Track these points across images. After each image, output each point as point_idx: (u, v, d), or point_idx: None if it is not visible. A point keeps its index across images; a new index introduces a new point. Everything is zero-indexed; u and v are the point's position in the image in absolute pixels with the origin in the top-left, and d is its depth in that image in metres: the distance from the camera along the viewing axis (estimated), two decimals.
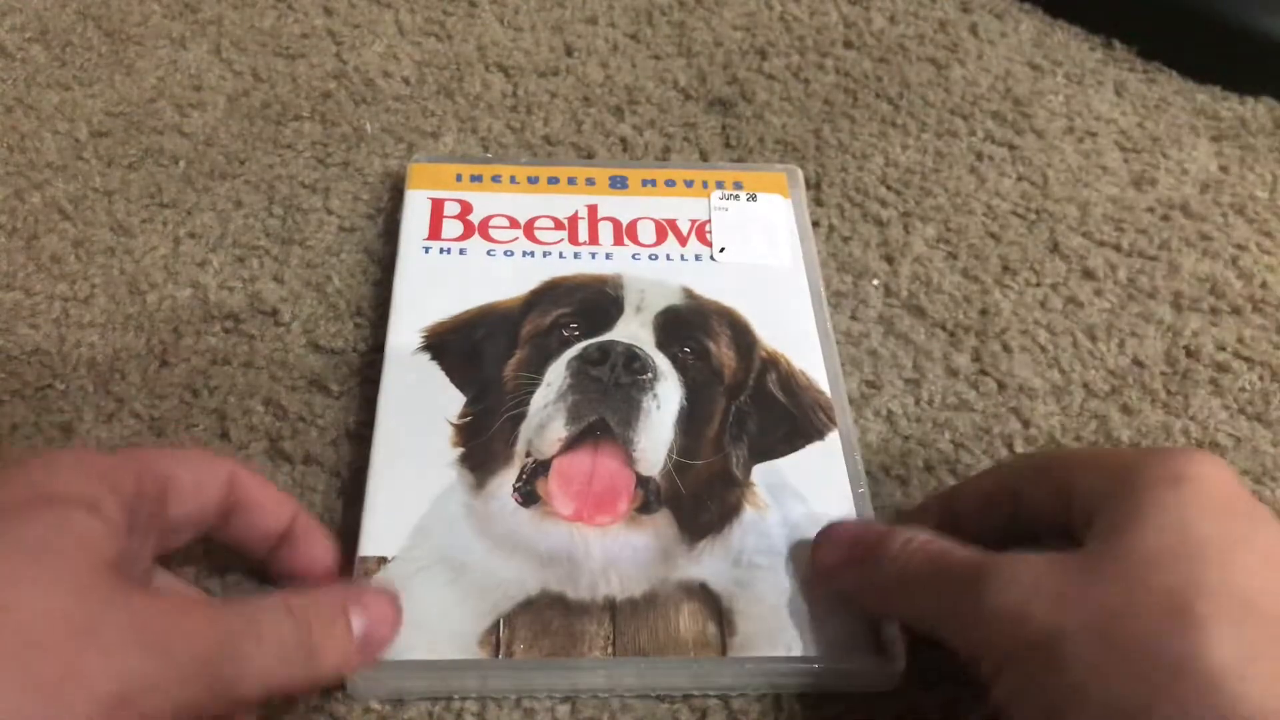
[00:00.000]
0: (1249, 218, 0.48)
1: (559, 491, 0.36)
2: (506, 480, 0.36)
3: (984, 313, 0.44)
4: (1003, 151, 0.50)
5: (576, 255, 0.43)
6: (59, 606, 0.24)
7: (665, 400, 0.38)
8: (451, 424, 0.38)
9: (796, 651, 0.33)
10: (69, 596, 0.24)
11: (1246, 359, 0.42)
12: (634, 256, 0.43)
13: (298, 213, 0.46)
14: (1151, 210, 0.48)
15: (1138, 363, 0.42)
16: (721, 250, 0.44)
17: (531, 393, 0.38)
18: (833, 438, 0.38)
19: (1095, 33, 0.55)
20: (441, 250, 0.43)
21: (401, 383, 0.39)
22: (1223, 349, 0.43)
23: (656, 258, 0.43)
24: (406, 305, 0.41)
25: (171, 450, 0.33)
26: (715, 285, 0.42)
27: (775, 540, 0.35)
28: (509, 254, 0.43)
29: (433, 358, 0.40)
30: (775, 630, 0.33)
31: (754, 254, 0.44)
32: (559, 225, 0.44)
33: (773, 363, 0.40)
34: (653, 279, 0.42)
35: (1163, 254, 0.46)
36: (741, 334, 0.41)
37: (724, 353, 0.40)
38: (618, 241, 0.44)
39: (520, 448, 0.37)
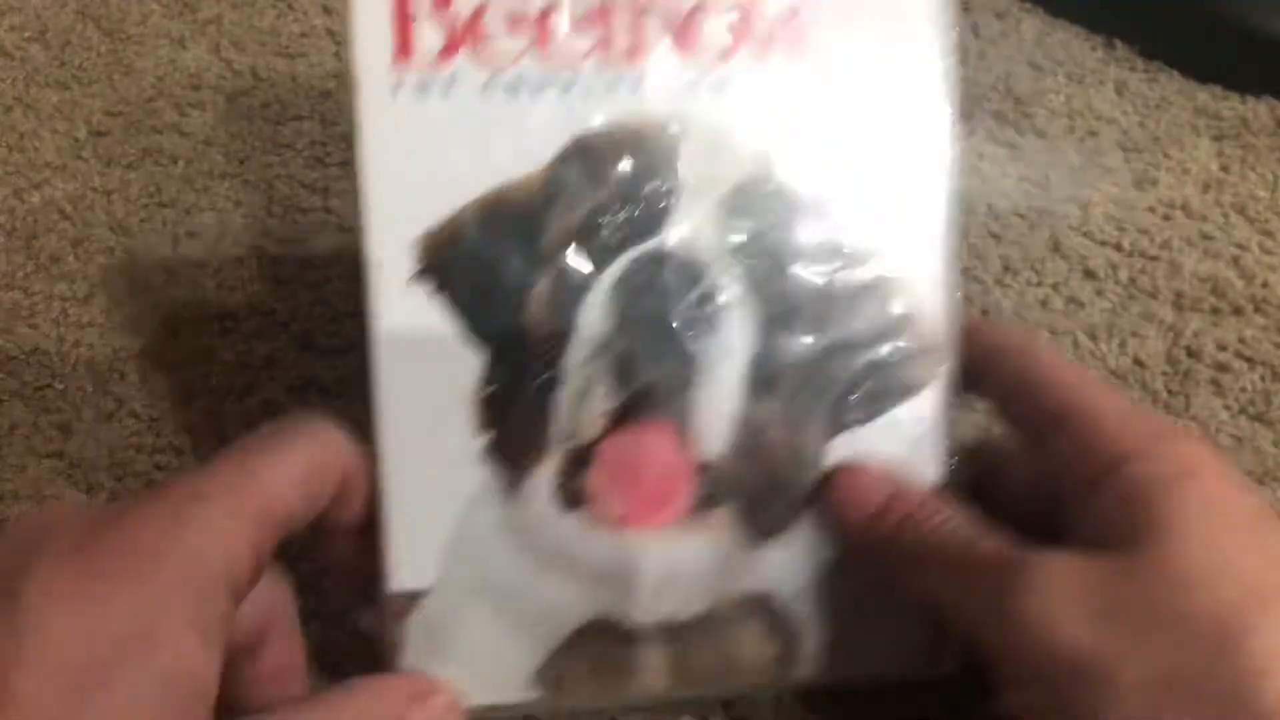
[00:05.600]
0: (1250, 217, 0.48)
1: (607, 489, 0.30)
2: (544, 477, 0.30)
3: (985, 313, 0.44)
4: (1004, 151, 0.50)
5: (611, 85, 0.30)
6: None
7: (733, 346, 0.30)
8: (476, 400, 0.30)
9: (858, 669, 0.31)
10: None
11: (1248, 359, 0.42)
12: (691, 85, 0.30)
13: (297, 212, 0.46)
14: (1152, 210, 0.48)
15: (1139, 363, 0.42)
16: (817, 69, 0.31)
17: (565, 344, 0.29)
18: (930, 391, 0.31)
19: (1096, 32, 0.55)
20: (418, 88, 0.30)
21: (401, 336, 0.29)
22: (1224, 349, 0.43)
23: (724, 87, 0.30)
24: (385, 200, 0.30)
25: (289, 458, 0.27)
26: (803, 138, 0.31)
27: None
28: (515, 89, 0.30)
29: (437, 288, 0.30)
30: (838, 645, 0.31)
31: (863, 75, 0.31)
32: (595, 18, 0.30)
33: (871, 276, 0.31)
34: (719, 130, 0.30)
35: (1164, 254, 0.46)
36: (833, 228, 0.31)
37: (809, 261, 0.30)
38: (681, 47, 0.31)
39: (557, 429, 0.30)
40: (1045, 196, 0.48)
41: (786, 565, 0.31)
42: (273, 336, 0.42)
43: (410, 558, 0.30)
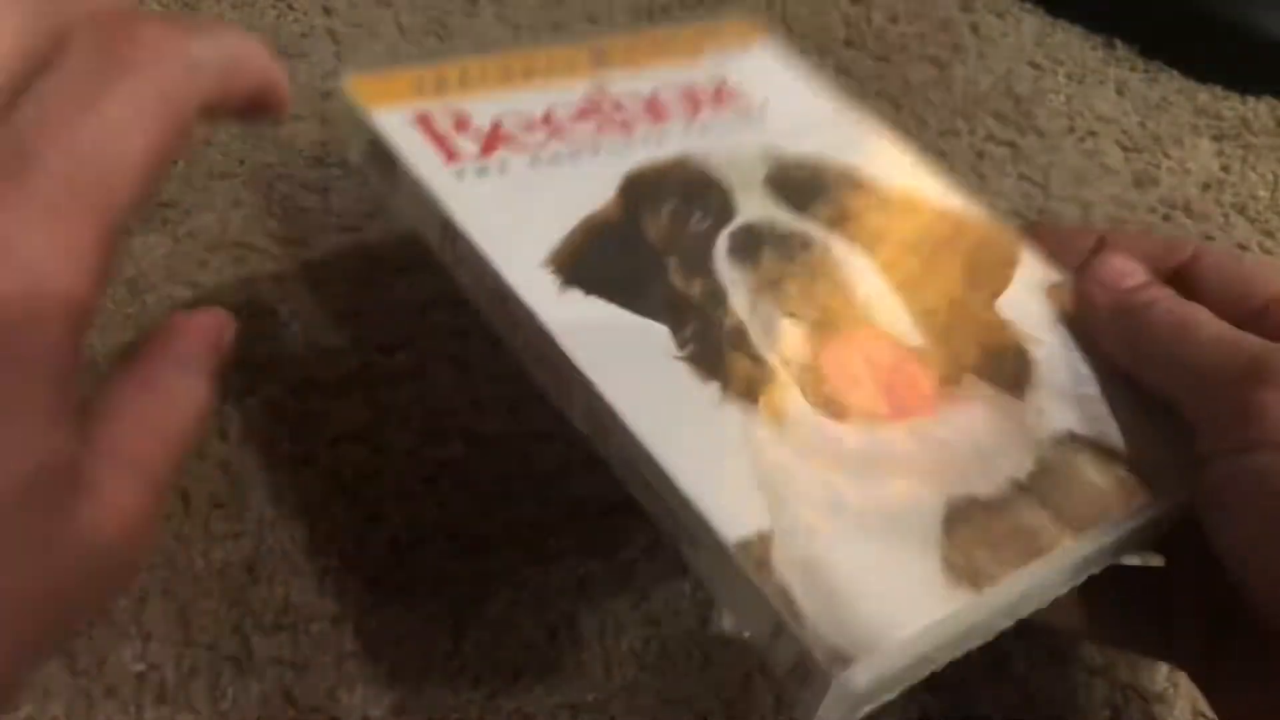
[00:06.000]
0: (1250, 217, 0.48)
1: (855, 394, 0.30)
2: (793, 399, 0.30)
3: None
4: (1004, 151, 0.50)
5: (627, 145, 0.36)
6: None
7: (854, 255, 0.34)
8: (681, 360, 0.30)
9: (1164, 481, 0.30)
10: None
11: None
12: (685, 130, 0.37)
13: (297, 212, 0.46)
14: (1153, 210, 0.48)
15: None
16: (763, 103, 0.39)
17: (726, 296, 0.32)
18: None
19: (1096, 32, 0.55)
20: (478, 172, 0.34)
21: (582, 334, 0.30)
22: None
23: (709, 129, 0.37)
24: (497, 242, 0.32)
25: (129, 117, 0.22)
26: (786, 141, 0.37)
27: (1080, 368, 0.32)
28: (556, 161, 0.35)
29: (588, 292, 0.31)
30: (1149, 462, 0.30)
31: (795, 103, 0.39)
32: (585, 112, 0.37)
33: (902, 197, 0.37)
34: (725, 150, 0.37)
35: None
36: (854, 179, 0.37)
37: (857, 201, 0.36)
38: (657, 119, 0.37)
39: (773, 357, 0.31)
40: (1045, 196, 0.48)
41: (1056, 397, 0.31)
42: (273, 336, 0.42)
43: (731, 501, 0.27)
